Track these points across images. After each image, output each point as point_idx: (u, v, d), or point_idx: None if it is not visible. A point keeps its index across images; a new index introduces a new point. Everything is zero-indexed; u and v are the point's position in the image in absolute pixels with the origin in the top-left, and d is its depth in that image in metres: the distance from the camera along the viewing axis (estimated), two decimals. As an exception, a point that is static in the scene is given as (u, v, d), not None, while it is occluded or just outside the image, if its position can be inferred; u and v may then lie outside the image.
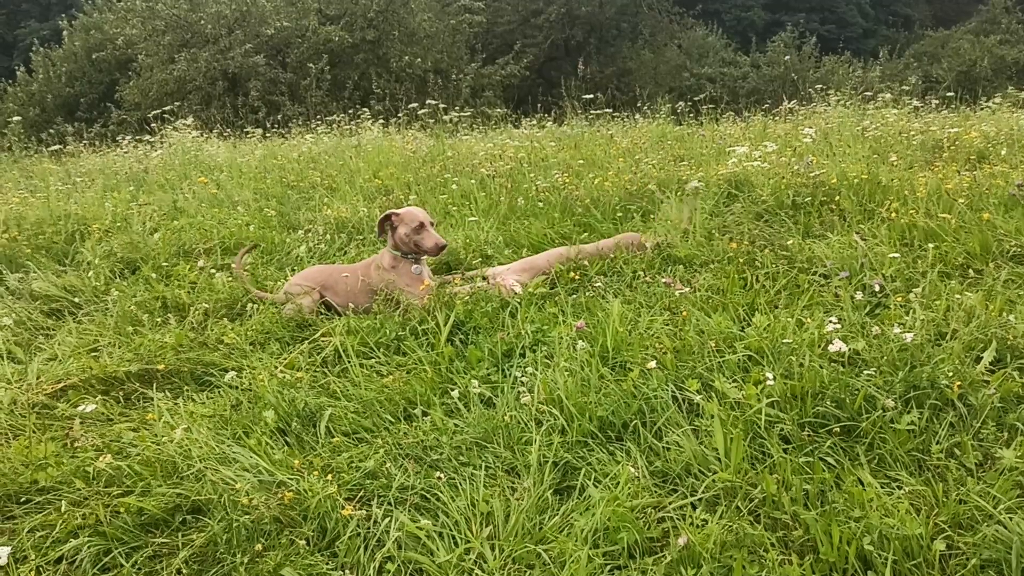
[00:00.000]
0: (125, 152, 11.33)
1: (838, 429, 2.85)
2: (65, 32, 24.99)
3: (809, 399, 2.96)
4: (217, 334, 4.19)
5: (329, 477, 2.72)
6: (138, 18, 21.74)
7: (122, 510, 2.68)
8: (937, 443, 2.76)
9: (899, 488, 2.59)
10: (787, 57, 27.39)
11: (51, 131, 13.11)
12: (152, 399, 3.57)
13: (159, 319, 4.47)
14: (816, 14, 46.43)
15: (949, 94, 11.29)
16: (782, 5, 47.05)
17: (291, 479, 2.71)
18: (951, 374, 3.01)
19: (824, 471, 2.62)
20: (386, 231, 4.58)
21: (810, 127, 8.21)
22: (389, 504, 2.67)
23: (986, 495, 2.45)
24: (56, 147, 11.94)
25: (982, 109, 11.05)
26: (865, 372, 3.11)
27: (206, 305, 4.48)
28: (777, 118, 10.95)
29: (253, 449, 2.88)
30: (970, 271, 4.35)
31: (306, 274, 4.62)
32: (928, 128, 8.56)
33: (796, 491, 2.53)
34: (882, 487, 2.61)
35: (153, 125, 12.30)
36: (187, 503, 2.71)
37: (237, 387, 3.57)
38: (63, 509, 2.72)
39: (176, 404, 3.49)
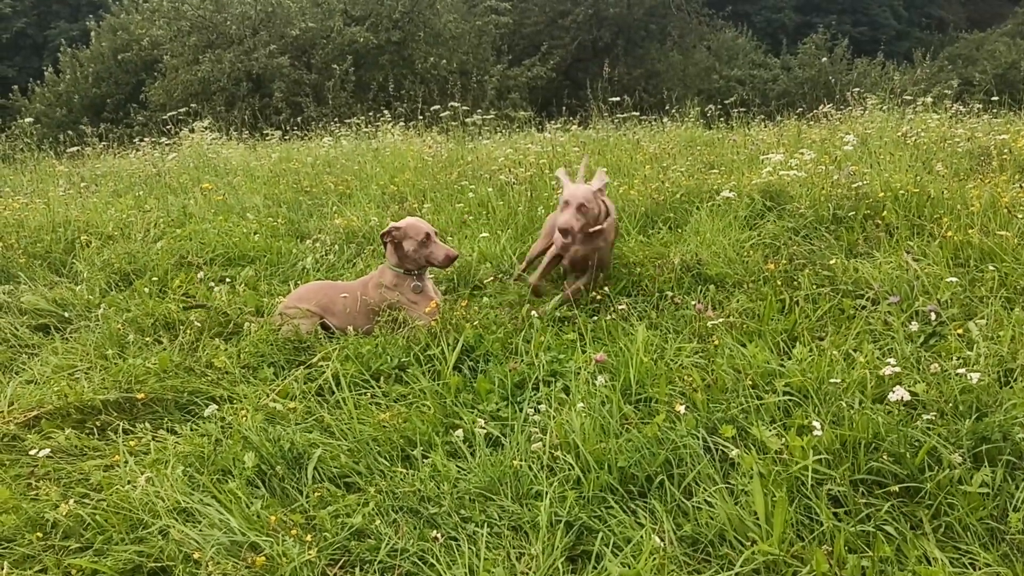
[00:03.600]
0: (142, 155, 11.11)
1: (896, 489, 2.46)
2: (93, 33, 24.99)
3: (862, 451, 2.58)
4: (208, 356, 3.87)
5: (309, 538, 2.38)
6: (164, 19, 21.65)
7: (74, 572, 2.36)
8: (1015, 509, 2.37)
9: (972, 566, 2.21)
10: (824, 59, 26.75)
11: (69, 132, 12.93)
12: (130, 431, 3.26)
13: (149, 338, 4.17)
14: (848, 16, 45.50)
15: (994, 98, 10.74)
16: (813, 7, 46.19)
17: (265, 541, 2.37)
18: (1027, 424, 2.61)
19: (884, 543, 2.24)
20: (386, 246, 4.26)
21: (848, 133, 7.77)
22: (376, 572, 2.32)
23: (1081, 582, 2.07)
24: (75, 148, 11.74)
25: (1027, 114, 10.52)
26: (924, 417, 2.72)
27: (198, 324, 4.16)
28: (812, 123, 10.50)
29: (223, 503, 2.54)
30: (1034, 296, 3.93)
31: (300, 294, 4.28)
32: (973, 134, 8.08)
33: (852, 569, 2.15)
34: (952, 563, 2.22)
35: (170, 127, 12.08)
36: (148, 563, 2.39)
37: (221, 420, 3.24)
38: (10, 568, 2.40)
39: (154, 437, 3.17)
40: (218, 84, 19.75)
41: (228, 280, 5.00)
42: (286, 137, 12.55)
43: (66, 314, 4.63)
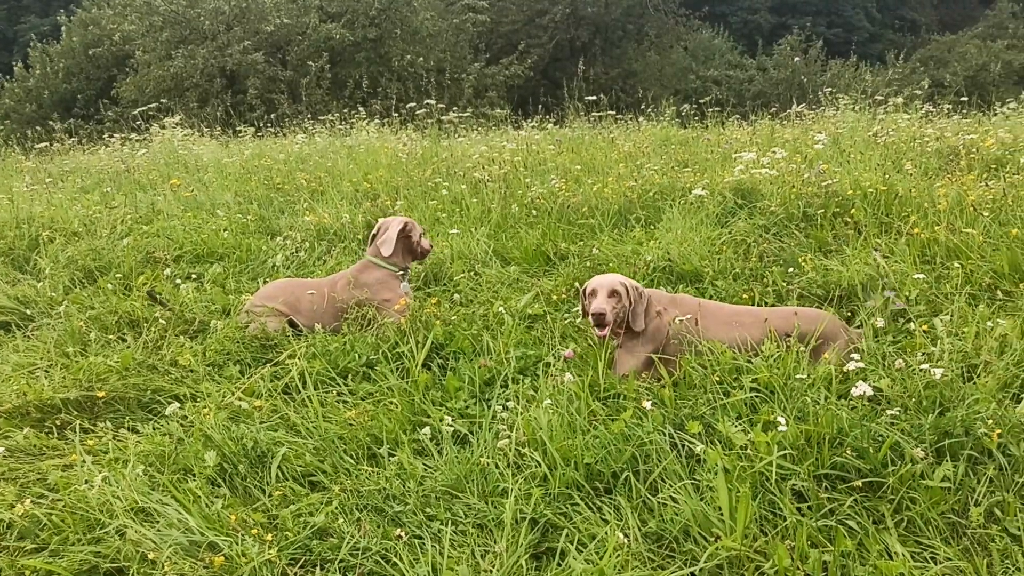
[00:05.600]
0: (112, 151, 10.96)
1: (859, 484, 2.47)
2: (64, 28, 24.67)
3: (826, 447, 2.58)
4: (172, 354, 3.82)
5: (269, 537, 2.35)
6: (136, 13, 21.42)
7: (29, 572, 2.31)
8: (976, 503, 2.39)
9: (934, 560, 2.22)
10: (797, 59, 26.94)
11: (38, 128, 12.75)
12: (90, 430, 3.20)
13: (113, 336, 4.10)
14: (823, 17, 45.84)
15: (963, 99, 10.87)
16: (789, 8, 46.52)
17: (224, 540, 2.33)
18: (988, 419, 2.63)
19: (845, 538, 2.24)
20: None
21: (820, 132, 7.82)
22: (338, 572, 2.29)
23: (1040, 576, 2.08)
24: (43, 145, 11.57)
25: (996, 115, 10.65)
26: (888, 412, 2.73)
27: (163, 321, 4.10)
28: (785, 122, 10.56)
29: (183, 502, 2.50)
30: (999, 293, 3.97)
31: (268, 292, 4.23)
32: (942, 134, 8.17)
33: (814, 564, 2.15)
34: (913, 558, 2.23)
35: (140, 123, 11.93)
36: (104, 564, 2.34)
37: (183, 419, 3.19)
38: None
39: (115, 437, 3.12)
40: (191, 80, 19.58)
41: (195, 277, 4.94)
42: (259, 134, 12.44)
43: (28, 311, 4.55)
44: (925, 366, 2.92)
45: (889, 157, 6.78)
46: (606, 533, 2.35)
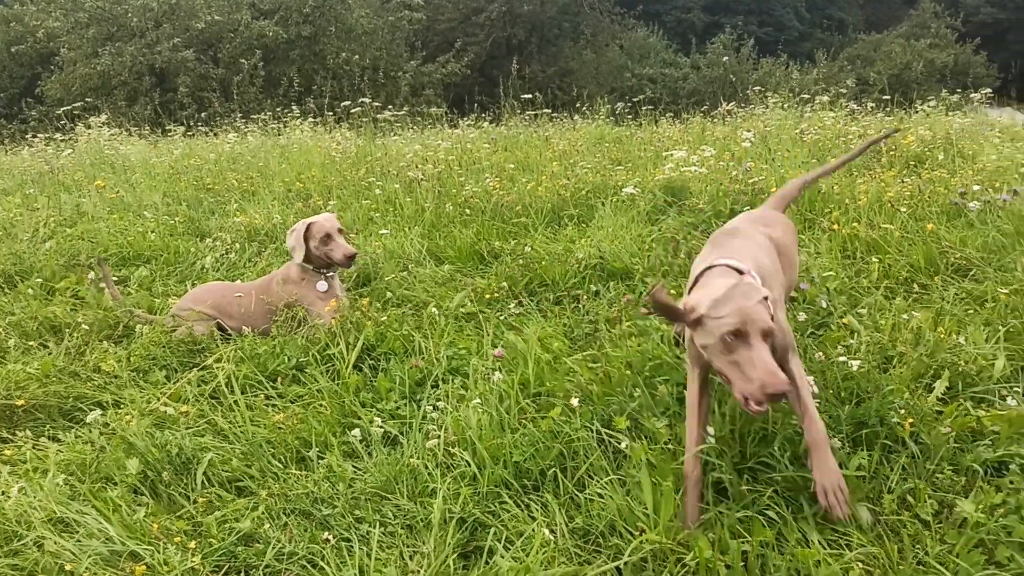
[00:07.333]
0: (35, 151, 10.62)
1: (780, 477, 2.53)
2: (-16, 24, 23.80)
3: (749, 440, 2.65)
4: (96, 360, 3.73)
5: (193, 545, 2.32)
6: (60, 10, 20.79)
7: (-61, 590, 2.24)
8: (889, 491, 2.47)
9: (848, 547, 2.29)
10: (725, 59, 27.43)
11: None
12: (8, 439, 3.11)
13: (33, 342, 3.98)
14: (754, 17, 46.74)
15: (884, 97, 11.20)
16: (721, 7, 47.33)
17: (146, 549, 2.29)
18: (902, 409, 2.73)
19: (765, 528, 2.30)
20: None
21: (749, 131, 7.99)
22: (263, 577, 2.28)
23: (946, 559, 2.16)
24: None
25: (916, 112, 11.00)
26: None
27: (85, 326, 4.00)
28: (715, 120, 10.75)
29: (102, 511, 2.45)
30: (915, 286, 4.11)
31: (196, 295, 4.15)
32: (866, 132, 8.42)
33: (734, 554, 2.21)
34: (829, 545, 2.30)
35: (65, 123, 11.57)
36: (22, 577, 2.28)
37: (105, 426, 3.12)
38: None
39: (35, 446, 3.03)
40: (119, 78, 19.07)
41: (121, 281, 4.82)
42: (190, 133, 12.17)
43: (-57, 319, 4.39)
44: (843, 358, 3.02)
45: (815, 154, 6.97)
46: (533, 530, 2.37)
